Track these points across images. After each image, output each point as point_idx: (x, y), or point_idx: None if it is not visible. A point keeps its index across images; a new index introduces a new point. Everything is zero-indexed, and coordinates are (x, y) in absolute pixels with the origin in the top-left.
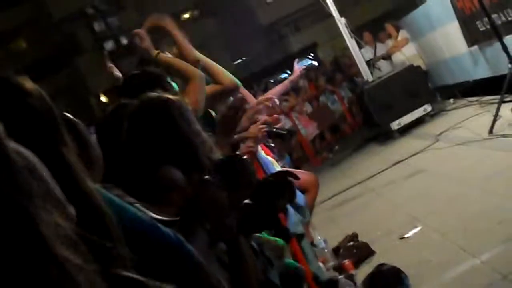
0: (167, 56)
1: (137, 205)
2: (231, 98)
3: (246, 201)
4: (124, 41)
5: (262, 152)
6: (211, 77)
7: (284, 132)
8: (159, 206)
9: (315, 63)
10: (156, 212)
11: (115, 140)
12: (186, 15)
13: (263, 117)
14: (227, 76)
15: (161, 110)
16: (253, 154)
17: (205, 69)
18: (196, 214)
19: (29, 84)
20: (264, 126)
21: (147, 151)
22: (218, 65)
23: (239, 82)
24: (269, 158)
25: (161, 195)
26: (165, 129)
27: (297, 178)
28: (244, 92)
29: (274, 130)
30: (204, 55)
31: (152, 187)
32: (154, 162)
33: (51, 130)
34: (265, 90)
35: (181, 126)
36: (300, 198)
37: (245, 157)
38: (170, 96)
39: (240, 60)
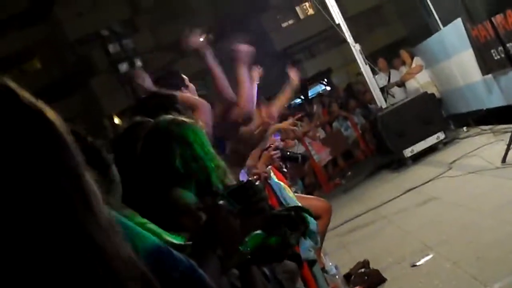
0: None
1: (150, 225)
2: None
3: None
4: (139, 63)
5: (274, 178)
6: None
7: (297, 155)
8: (170, 230)
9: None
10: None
11: (129, 159)
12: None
13: (275, 143)
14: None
15: (176, 132)
16: (265, 179)
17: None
18: (209, 239)
19: (50, 112)
20: (276, 152)
21: (160, 172)
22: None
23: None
24: (282, 183)
25: (172, 218)
26: (184, 150)
27: (309, 213)
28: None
29: (288, 153)
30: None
31: (163, 209)
32: (166, 183)
33: (69, 159)
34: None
35: (195, 150)
36: (312, 224)
37: (257, 182)
38: (185, 119)
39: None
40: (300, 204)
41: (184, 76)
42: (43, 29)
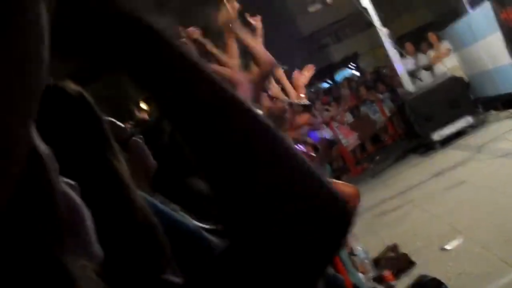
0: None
1: (182, 213)
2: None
3: None
4: None
5: None
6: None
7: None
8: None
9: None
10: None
11: (159, 147)
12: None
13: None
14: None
15: None
16: None
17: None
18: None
19: (73, 87)
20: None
21: (186, 159)
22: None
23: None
24: None
25: (197, 207)
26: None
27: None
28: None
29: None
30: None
31: (188, 198)
32: (188, 171)
33: (99, 140)
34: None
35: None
36: None
37: None
38: None
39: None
40: None
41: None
42: None
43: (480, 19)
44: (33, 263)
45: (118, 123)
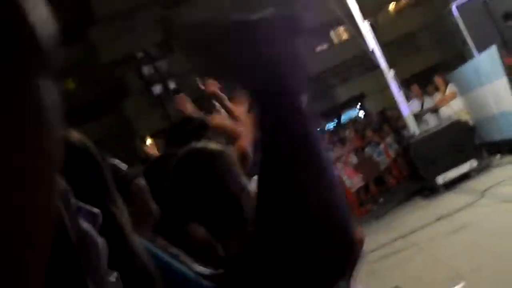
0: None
1: (183, 257)
2: None
3: None
4: (172, 85)
5: None
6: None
7: None
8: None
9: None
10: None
11: (160, 190)
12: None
13: None
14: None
15: (205, 163)
16: None
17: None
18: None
19: (77, 137)
20: None
21: (187, 204)
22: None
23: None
24: None
25: (195, 251)
26: (207, 183)
27: None
28: None
29: None
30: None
31: (187, 242)
32: (189, 216)
33: (100, 188)
34: None
35: (224, 181)
36: None
37: None
38: (216, 147)
39: None
40: None
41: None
42: (77, 50)
43: (486, 64)
44: None
45: (121, 165)
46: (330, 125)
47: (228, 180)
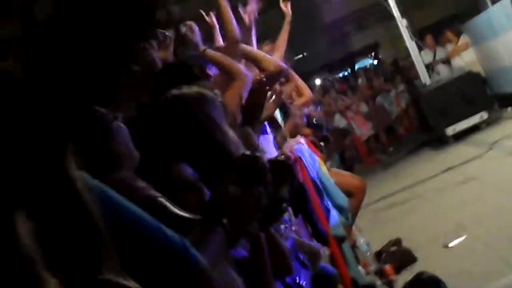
0: (214, 52)
1: (161, 199)
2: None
3: None
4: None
5: (307, 151)
6: (255, 64)
7: (322, 124)
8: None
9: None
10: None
11: (144, 135)
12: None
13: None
14: (270, 61)
15: (186, 107)
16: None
17: (247, 56)
18: (217, 213)
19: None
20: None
21: (169, 148)
22: (260, 52)
23: (284, 65)
24: (316, 158)
25: (176, 195)
26: (188, 127)
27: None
28: (301, 83)
29: (314, 121)
30: None
31: (167, 185)
32: (171, 159)
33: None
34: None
35: (206, 126)
36: (343, 200)
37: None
38: (200, 91)
39: (301, 56)
40: (333, 180)
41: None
42: None
43: (500, 15)
44: None
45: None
46: (344, 73)
47: (210, 125)
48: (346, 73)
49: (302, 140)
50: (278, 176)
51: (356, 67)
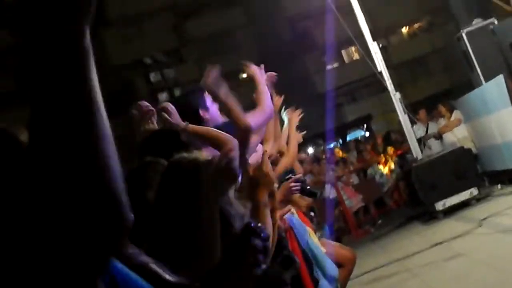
0: (195, 127)
1: (153, 265)
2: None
3: None
4: (178, 93)
5: (297, 220)
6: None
7: (316, 191)
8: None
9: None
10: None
11: (142, 197)
12: (244, 75)
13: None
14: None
15: (193, 174)
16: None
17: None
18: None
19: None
20: (296, 184)
21: (175, 214)
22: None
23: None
24: (307, 227)
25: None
26: (195, 193)
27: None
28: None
29: (308, 188)
30: None
31: (172, 251)
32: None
33: None
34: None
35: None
36: (334, 270)
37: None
38: (200, 158)
39: None
40: (323, 251)
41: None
42: None
43: (493, 92)
44: None
45: None
46: (335, 144)
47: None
48: (338, 144)
49: (293, 209)
50: (287, 261)
51: (348, 138)
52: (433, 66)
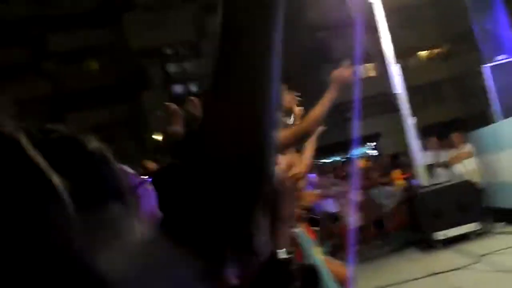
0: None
1: None
2: None
3: None
4: (194, 88)
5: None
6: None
7: (318, 219)
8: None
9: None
10: None
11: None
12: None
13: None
14: None
15: None
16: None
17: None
18: None
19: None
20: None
21: None
22: None
23: None
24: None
25: None
26: None
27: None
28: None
29: (312, 216)
30: None
31: None
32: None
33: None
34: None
35: None
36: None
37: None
38: None
39: None
40: (327, 268)
41: None
42: (107, 33)
43: (509, 130)
44: None
45: (128, 170)
46: (340, 159)
47: None
48: (343, 160)
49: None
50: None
51: (354, 154)
52: (446, 94)
